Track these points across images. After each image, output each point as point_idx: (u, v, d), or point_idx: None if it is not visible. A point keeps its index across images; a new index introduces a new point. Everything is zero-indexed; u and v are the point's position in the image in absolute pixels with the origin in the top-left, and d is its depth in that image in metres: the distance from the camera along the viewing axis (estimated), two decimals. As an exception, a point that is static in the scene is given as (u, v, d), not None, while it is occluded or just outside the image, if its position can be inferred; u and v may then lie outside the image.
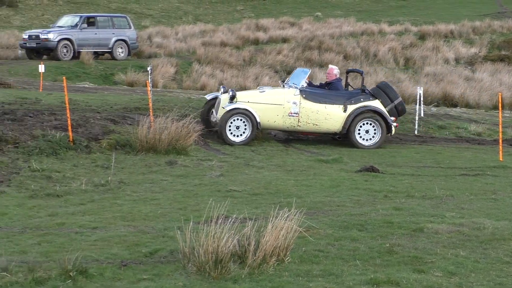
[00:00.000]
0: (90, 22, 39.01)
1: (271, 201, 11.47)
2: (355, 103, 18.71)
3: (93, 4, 62.21)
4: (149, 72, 18.65)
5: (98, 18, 39.92)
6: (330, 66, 20.78)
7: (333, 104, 18.64)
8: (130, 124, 17.55)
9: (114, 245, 9.10)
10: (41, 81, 26.77)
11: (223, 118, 17.91)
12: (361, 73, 20.08)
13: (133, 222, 10.34)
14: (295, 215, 8.42)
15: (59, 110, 18.85)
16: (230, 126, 17.98)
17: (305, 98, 18.49)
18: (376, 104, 18.84)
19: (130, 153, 15.75)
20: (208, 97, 19.66)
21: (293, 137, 19.44)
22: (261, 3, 68.66)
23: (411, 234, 9.72)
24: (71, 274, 7.71)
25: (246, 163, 15.71)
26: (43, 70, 26.44)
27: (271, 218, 8.32)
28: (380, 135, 18.76)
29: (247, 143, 17.98)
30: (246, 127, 18.10)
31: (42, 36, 37.24)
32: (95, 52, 37.74)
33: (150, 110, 17.21)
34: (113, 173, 13.82)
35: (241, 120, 18.07)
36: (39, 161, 14.33)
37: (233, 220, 8.29)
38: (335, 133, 18.94)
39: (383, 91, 19.21)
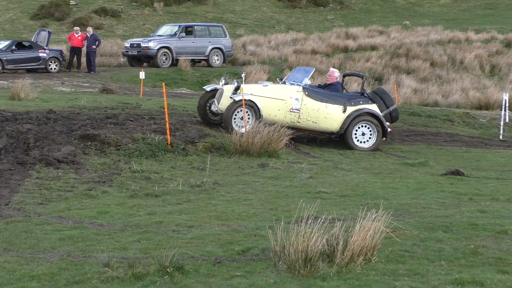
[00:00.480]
0: (188, 31, 39.43)
1: (358, 202, 11.40)
2: (355, 105, 18.14)
3: (191, 14, 62.77)
4: (243, 78, 18.72)
5: (195, 27, 40.32)
6: (331, 69, 20.19)
7: (334, 104, 18.01)
8: (224, 128, 17.67)
9: (208, 243, 9.17)
10: (142, 87, 27.19)
11: (230, 108, 17.42)
12: (362, 77, 19.52)
13: (227, 222, 10.40)
14: (382, 216, 8.35)
15: (158, 115, 19.11)
16: (235, 116, 17.46)
17: (307, 95, 17.86)
18: (374, 108, 18.30)
19: (224, 155, 15.85)
20: (208, 88, 19.04)
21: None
22: (351, 12, 68.28)
23: (495, 236, 9.52)
24: (168, 270, 7.81)
25: (334, 166, 15.64)
26: (143, 77, 26.85)
27: (359, 219, 8.27)
28: (375, 138, 18.17)
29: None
30: (249, 118, 17.48)
31: (143, 45, 37.86)
32: (192, 60, 38.11)
33: (244, 115, 17.29)
34: (208, 174, 13.93)
35: (246, 111, 17.45)
36: (139, 162, 14.54)
37: (322, 221, 8.25)
38: (332, 133, 18.32)
39: (379, 97, 18.65)
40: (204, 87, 19.67)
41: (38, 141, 15.34)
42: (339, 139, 18.33)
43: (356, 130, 18.08)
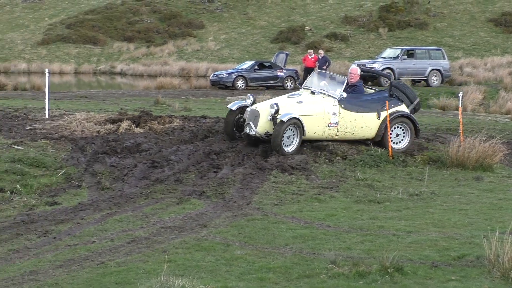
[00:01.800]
0: (410, 54, 39.07)
1: None
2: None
3: (412, 38, 62.04)
4: (460, 98, 18.16)
5: (416, 50, 39.89)
6: (353, 65, 17.47)
7: (369, 112, 15.97)
8: (442, 143, 17.21)
9: (426, 248, 8.99)
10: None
11: (279, 130, 14.93)
12: (389, 78, 17.46)
13: (443, 229, 10.13)
14: None
15: (381, 129, 18.93)
16: (283, 136, 15.06)
17: (344, 108, 15.68)
18: (404, 108, 16.42)
19: (441, 168, 15.44)
20: (233, 106, 16.26)
21: None
22: None
23: None
24: (389, 270, 7.73)
25: (548, 181, 14.83)
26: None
27: None
28: (409, 138, 16.30)
29: (294, 152, 15.24)
30: (294, 136, 15.24)
31: (368, 66, 37.89)
32: (412, 80, 37.70)
33: (461, 131, 16.80)
34: (426, 185, 13.64)
35: (291, 130, 15.19)
36: (363, 171, 14.48)
37: (535, 233, 7.88)
38: (367, 139, 16.31)
39: (401, 92, 16.65)
40: (228, 106, 16.65)
41: (275, 150, 15.68)
42: (372, 144, 16.47)
43: (391, 133, 16.24)
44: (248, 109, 15.89)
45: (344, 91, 15.87)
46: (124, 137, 16.21)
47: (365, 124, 16.00)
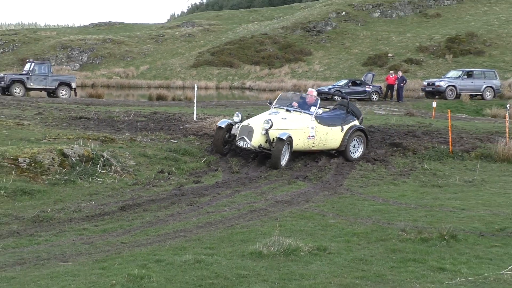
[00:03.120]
0: (469, 74, 37.71)
1: None
2: (347, 123, 14.57)
3: (471, 62, 59.53)
4: (508, 108, 17.44)
5: (474, 72, 38.40)
6: (310, 89, 15.37)
7: (336, 126, 14.37)
8: (491, 143, 16.56)
9: (475, 221, 8.72)
10: (434, 112, 26.31)
11: (280, 147, 12.96)
12: (346, 98, 15.48)
13: (490, 208, 9.78)
14: None
15: (444, 131, 18.44)
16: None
17: (319, 122, 14.05)
18: (357, 123, 14.87)
19: (490, 162, 14.86)
20: (222, 124, 14.00)
21: None
22: None
23: None
24: (445, 237, 7.58)
25: None
26: (435, 105, 25.91)
27: None
28: (363, 148, 14.73)
29: (287, 164, 13.27)
30: (286, 151, 13.27)
31: (436, 83, 36.96)
32: (470, 95, 36.36)
33: (506, 134, 16.13)
34: (478, 174, 13.18)
35: (285, 146, 13.30)
36: (429, 163, 14.15)
37: None
38: (333, 149, 14.58)
39: (351, 109, 15.01)
40: (218, 124, 14.23)
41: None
42: (337, 154, 14.76)
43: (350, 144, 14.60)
44: (236, 125, 14.00)
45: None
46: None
47: (333, 136, 14.39)
